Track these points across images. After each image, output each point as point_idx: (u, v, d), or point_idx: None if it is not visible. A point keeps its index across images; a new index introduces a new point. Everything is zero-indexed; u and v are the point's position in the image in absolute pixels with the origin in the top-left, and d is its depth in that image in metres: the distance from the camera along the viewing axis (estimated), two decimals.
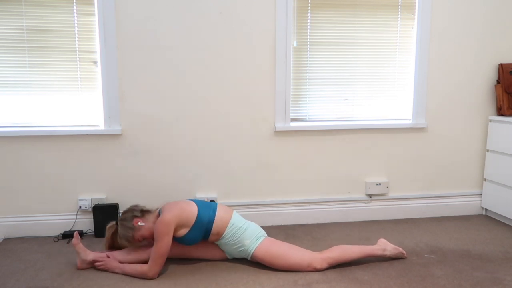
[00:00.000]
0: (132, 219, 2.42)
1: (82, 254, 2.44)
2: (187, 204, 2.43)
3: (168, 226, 2.30)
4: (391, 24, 3.17)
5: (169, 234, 2.31)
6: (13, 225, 2.94)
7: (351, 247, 2.50)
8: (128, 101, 2.95)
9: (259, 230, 2.51)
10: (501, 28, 3.27)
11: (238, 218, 2.50)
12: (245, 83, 3.04)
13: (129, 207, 2.51)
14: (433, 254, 2.66)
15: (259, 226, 2.55)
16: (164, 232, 2.29)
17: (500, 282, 2.31)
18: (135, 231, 2.40)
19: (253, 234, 2.46)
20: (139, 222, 2.41)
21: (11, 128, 2.89)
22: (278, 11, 2.98)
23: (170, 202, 2.47)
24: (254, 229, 2.49)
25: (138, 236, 2.41)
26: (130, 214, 2.45)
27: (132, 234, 2.40)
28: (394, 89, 3.26)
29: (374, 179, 3.30)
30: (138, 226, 2.40)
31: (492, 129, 3.29)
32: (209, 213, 2.43)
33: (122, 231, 2.41)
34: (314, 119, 3.19)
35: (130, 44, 2.89)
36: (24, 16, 2.80)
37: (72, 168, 2.96)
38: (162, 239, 2.29)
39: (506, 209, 3.16)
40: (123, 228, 2.41)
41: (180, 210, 2.37)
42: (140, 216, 2.44)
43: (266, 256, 2.41)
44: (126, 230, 2.40)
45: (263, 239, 2.47)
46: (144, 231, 2.41)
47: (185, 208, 2.39)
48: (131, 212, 2.45)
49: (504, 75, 3.25)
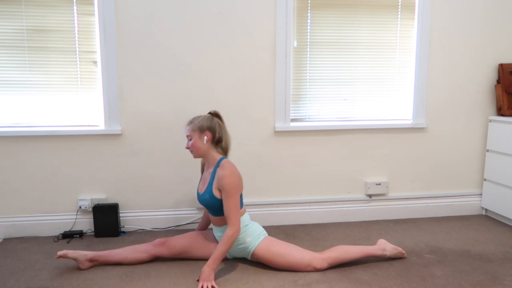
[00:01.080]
0: (210, 129, 2.40)
1: (78, 256, 2.42)
2: None
3: (240, 182, 2.35)
4: (391, 24, 3.17)
5: (241, 190, 2.37)
6: (13, 225, 2.94)
7: (351, 247, 2.50)
8: (128, 101, 2.95)
9: (261, 230, 2.51)
10: (501, 28, 3.27)
11: (246, 216, 2.50)
12: (245, 83, 3.04)
13: (222, 127, 2.46)
14: (433, 254, 2.66)
15: (260, 226, 2.55)
16: (238, 188, 2.33)
17: (500, 282, 2.31)
18: (198, 134, 2.39)
19: (254, 232, 2.46)
20: (206, 137, 2.39)
21: (11, 128, 2.89)
22: (278, 11, 2.98)
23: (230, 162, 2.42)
24: (256, 228, 2.49)
25: (193, 135, 2.40)
26: (216, 127, 2.42)
27: (196, 131, 2.39)
28: (394, 89, 3.26)
29: (374, 179, 3.30)
30: (203, 136, 2.39)
31: (492, 129, 3.29)
32: (242, 200, 2.49)
33: (200, 120, 2.41)
34: (314, 119, 3.19)
35: (130, 44, 2.90)
36: (24, 16, 2.80)
37: (72, 168, 2.96)
38: (235, 195, 2.31)
39: (506, 209, 3.16)
40: (203, 121, 2.40)
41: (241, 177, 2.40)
42: (213, 138, 2.42)
43: (266, 255, 2.41)
44: (200, 125, 2.39)
45: (264, 238, 2.48)
46: (198, 143, 2.40)
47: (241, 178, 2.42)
48: (217, 126, 2.42)
49: (504, 75, 3.25)
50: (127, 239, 2.92)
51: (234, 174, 2.34)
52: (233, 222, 2.30)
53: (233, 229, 2.30)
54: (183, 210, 3.10)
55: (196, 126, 2.40)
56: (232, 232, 2.29)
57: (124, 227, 3.04)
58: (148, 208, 3.07)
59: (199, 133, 2.40)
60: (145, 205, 3.05)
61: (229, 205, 2.30)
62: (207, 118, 2.43)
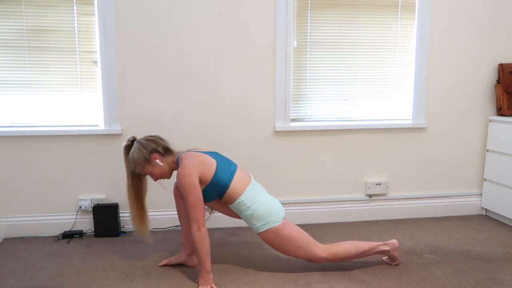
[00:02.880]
0: (152, 151, 2.27)
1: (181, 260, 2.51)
2: (207, 158, 2.27)
3: (191, 178, 2.16)
4: (391, 24, 3.17)
5: (196, 185, 2.17)
6: (13, 225, 2.94)
7: (360, 243, 2.41)
8: (128, 101, 2.95)
9: (275, 215, 2.28)
10: (501, 28, 3.27)
11: (250, 196, 2.27)
12: (245, 83, 3.04)
13: (154, 137, 2.33)
14: (433, 254, 2.66)
15: (276, 209, 2.30)
16: (190, 186, 2.16)
17: (500, 282, 2.31)
18: (148, 164, 2.28)
19: (264, 218, 2.26)
20: (157, 159, 2.28)
21: (11, 128, 2.89)
22: (278, 11, 2.98)
23: (190, 151, 2.31)
24: (267, 212, 2.27)
25: (148, 170, 2.30)
26: (153, 145, 2.28)
27: (143, 164, 2.27)
28: (394, 89, 3.26)
29: (374, 179, 3.30)
30: (154, 162, 2.28)
31: (492, 129, 3.29)
32: (226, 177, 2.26)
33: (135, 155, 2.27)
34: (314, 119, 3.19)
35: (130, 44, 2.90)
36: (24, 16, 2.80)
37: (72, 168, 2.96)
38: (191, 194, 2.16)
39: (506, 209, 3.16)
40: (138, 153, 2.26)
41: (200, 163, 2.22)
42: (161, 154, 2.30)
43: (270, 242, 2.31)
44: (140, 157, 2.26)
45: (275, 226, 2.27)
46: (157, 170, 2.30)
47: (205, 162, 2.23)
48: (155, 144, 2.29)
49: (504, 75, 3.25)
50: (127, 239, 2.93)
51: (184, 173, 2.17)
52: (193, 219, 2.18)
53: (195, 226, 2.18)
54: None
55: (140, 161, 2.27)
56: (195, 230, 2.18)
57: (124, 227, 3.04)
58: (148, 208, 3.06)
59: (148, 163, 2.29)
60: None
61: (187, 203, 2.18)
62: (138, 148, 2.28)
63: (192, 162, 2.21)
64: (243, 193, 2.28)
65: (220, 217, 3.14)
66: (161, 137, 2.37)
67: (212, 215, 3.13)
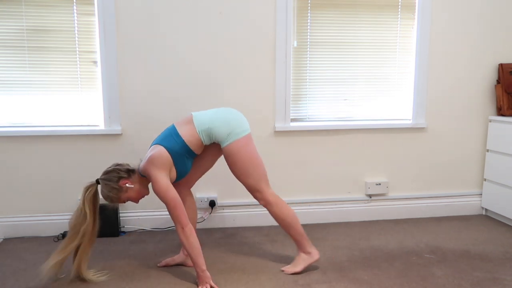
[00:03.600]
0: (118, 180, 2.27)
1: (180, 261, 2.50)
2: (152, 150, 2.26)
3: (160, 180, 2.18)
4: (391, 24, 3.17)
5: (168, 186, 2.19)
6: (13, 225, 2.94)
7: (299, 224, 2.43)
8: (128, 101, 2.95)
9: (230, 129, 2.27)
10: (501, 28, 3.27)
11: (200, 122, 2.29)
12: (245, 83, 3.04)
13: (113, 167, 2.31)
14: (433, 254, 2.66)
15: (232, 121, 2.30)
16: (163, 188, 2.17)
17: (500, 282, 2.31)
18: (122, 193, 2.28)
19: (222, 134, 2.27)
20: (127, 183, 2.28)
21: (11, 128, 2.89)
22: (278, 11, 2.98)
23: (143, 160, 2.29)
24: (223, 131, 2.27)
25: (124, 197, 2.30)
26: (115, 174, 2.28)
27: (117, 195, 2.27)
28: (394, 89, 3.26)
29: (374, 179, 3.30)
30: (126, 187, 2.28)
31: (492, 129, 3.29)
32: (175, 140, 2.26)
33: (106, 191, 2.26)
34: (314, 119, 3.19)
35: (130, 44, 2.90)
36: (24, 16, 2.80)
37: (72, 168, 2.96)
38: (166, 195, 2.17)
39: (506, 209, 3.16)
40: (107, 188, 2.26)
41: (156, 160, 2.21)
42: (126, 177, 2.29)
43: (228, 159, 2.32)
44: (111, 190, 2.26)
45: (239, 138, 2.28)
46: (131, 193, 2.30)
47: (156, 155, 2.22)
48: (116, 173, 2.28)
49: (504, 75, 3.25)
50: (127, 239, 2.93)
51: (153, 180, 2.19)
52: (175, 220, 2.19)
53: (178, 228, 2.18)
54: None
55: (113, 194, 2.27)
56: (179, 231, 2.18)
57: (124, 227, 3.04)
58: (148, 208, 3.07)
59: (121, 192, 2.28)
60: (145, 205, 3.05)
61: (166, 205, 2.19)
62: (104, 185, 2.27)
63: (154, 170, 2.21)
64: (195, 127, 2.29)
65: (220, 217, 3.14)
66: (118, 163, 2.36)
67: (212, 215, 3.14)
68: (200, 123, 2.29)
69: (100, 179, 2.30)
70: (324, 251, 2.71)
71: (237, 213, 3.17)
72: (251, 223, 3.18)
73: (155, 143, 2.30)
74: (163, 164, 2.22)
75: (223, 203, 3.14)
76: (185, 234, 2.18)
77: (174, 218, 2.19)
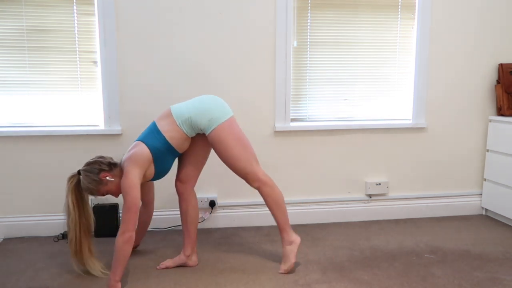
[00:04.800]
0: (99, 172, 2.25)
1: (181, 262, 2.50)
2: (135, 147, 2.27)
3: (133, 181, 2.17)
4: (391, 24, 3.17)
5: (135, 186, 2.17)
6: (13, 225, 2.94)
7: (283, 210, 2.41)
8: (128, 101, 2.95)
9: (210, 115, 2.26)
10: (501, 28, 3.27)
11: (179, 113, 2.29)
12: (245, 83, 3.04)
13: (95, 159, 2.30)
14: (433, 254, 2.66)
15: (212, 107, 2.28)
16: (128, 186, 2.15)
17: (500, 282, 2.31)
18: (102, 185, 2.27)
19: (203, 121, 2.26)
20: (107, 176, 2.27)
21: (11, 128, 2.89)
22: (278, 11, 2.98)
23: (125, 155, 2.29)
24: (203, 118, 2.26)
25: (104, 190, 2.29)
26: (97, 166, 2.26)
27: (97, 187, 2.26)
28: (394, 89, 3.26)
29: (374, 179, 3.30)
30: (106, 180, 2.27)
31: (492, 129, 3.29)
32: (156, 137, 2.27)
33: (86, 182, 2.25)
34: (314, 119, 3.20)
35: (130, 44, 2.90)
36: (24, 16, 2.80)
37: (72, 168, 2.96)
38: (128, 194, 2.14)
39: (506, 209, 3.16)
40: (87, 179, 2.24)
41: (135, 157, 2.22)
42: (108, 170, 2.28)
43: (215, 146, 2.30)
44: (91, 182, 2.24)
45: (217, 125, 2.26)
46: (111, 186, 2.29)
47: (137, 152, 2.23)
48: (98, 165, 2.27)
49: (504, 75, 3.25)
50: None
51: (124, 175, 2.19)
52: (123, 220, 2.14)
53: (121, 229, 2.13)
54: None
55: (93, 186, 2.26)
56: (119, 233, 2.13)
57: None
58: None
59: (101, 184, 2.27)
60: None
61: (123, 203, 2.16)
62: (85, 176, 2.25)
63: (130, 164, 2.21)
64: (175, 119, 2.28)
65: (220, 217, 3.14)
66: (102, 155, 2.36)
67: (212, 215, 3.14)
68: (179, 115, 2.29)
69: (81, 170, 2.29)
70: (324, 251, 2.71)
71: (237, 213, 3.17)
72: (251, 223, 3.18)
73: (138, 140, 2.31)
74: (142, 162, 2.23)
75: (223, 203, 3.14)
76: (124, 238, 2.12)
77: (125, 219, 2.14)
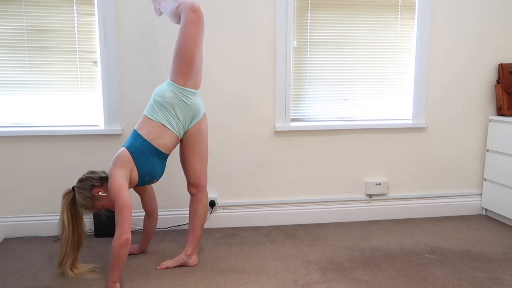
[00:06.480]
0: (91, 188, 2.27)
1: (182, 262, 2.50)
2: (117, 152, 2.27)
3: (118, 181, 2.16)
4: (391, 24, 3.17)
5: (124, 188, 2.15)
6: (13, 225, 2.94)
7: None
8: (128, 101, 2.95)
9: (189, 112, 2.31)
10: (501, 28, 3.27)
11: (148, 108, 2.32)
12: (245, 83, 3.04)
13: (86, 175, 2.32)
14: (433, 254, 2.66)
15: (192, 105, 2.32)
16: (116, 187, 2.14)
17: (500, 282, 2.31)
18: (96, 201, 2.28)
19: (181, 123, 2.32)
20: (100, 192, 2.28)
21: (11, 128, 2.89)
22: (278, 11, 2.98)
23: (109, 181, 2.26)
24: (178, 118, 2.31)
25: (99, 205, 2.30)
26: (88, 183, 2.28)
27: (91, 203, 2.28)
28: (394, 89, 3.26)
29: (374, 179, 3.30)
30: (98, 195, 2.28)
31: (492, 129, 3.29)
32: (134, 138, 2.28)
33: (81, 199, 2.27)
34: (314, 119, 3.20)
35: (130, 44, 2.90)
36: (24, 16, 2.80)
37: (72, 168, 2.96)
38: (118, 195, 2.12)
39: (506, 209, 3.16)
40: (81, 196, 2.27)
41: (116, 160, 2.22)
42: (99, 185, 2.29)
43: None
44: (85, 198, 2.27)
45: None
46: (106, 201, 2.30)
47: (117, 155, 2.24)
48: (89, 181, 2.28)
49: (504, 75, 3.25)
50: None
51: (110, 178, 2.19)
52: (117, 223, 2.11)
53: (117, 232, 2.10)
54: (183, 210, 3.10)
55: (88, 202, 2.28)
56: (115, 236, 2.10)
57: None
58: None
59: (95, 200, 2.28)
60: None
61: (115, 207, 2.14)
62: (78, 193, 2.28)
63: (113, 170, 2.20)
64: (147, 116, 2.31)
65: (220, 217, 3.14)
66: (93, 170, 2.37)
67: (212, 215, 3.14)
68: (148, 108, 2.33)
69: (75, 187, 2.32)
70: (324, 251, 2.71)
71: (237, 213, 3.17)
72: (251, 223, 3.19)
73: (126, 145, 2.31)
74: (122, 162, 2.23)
75: (223, 203, 3.14)
76: (120, 241, 2.09)
77: (118, 221, 2.11)
